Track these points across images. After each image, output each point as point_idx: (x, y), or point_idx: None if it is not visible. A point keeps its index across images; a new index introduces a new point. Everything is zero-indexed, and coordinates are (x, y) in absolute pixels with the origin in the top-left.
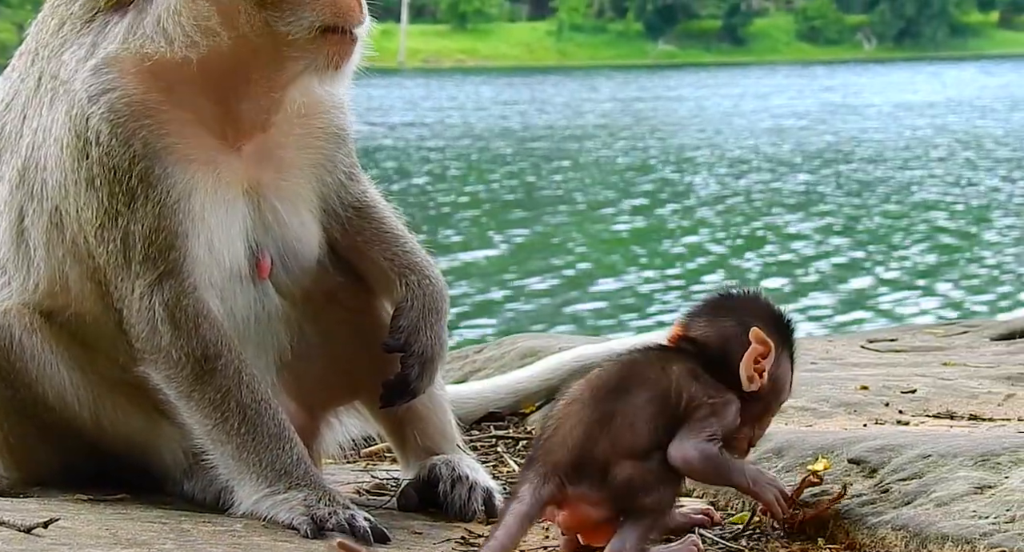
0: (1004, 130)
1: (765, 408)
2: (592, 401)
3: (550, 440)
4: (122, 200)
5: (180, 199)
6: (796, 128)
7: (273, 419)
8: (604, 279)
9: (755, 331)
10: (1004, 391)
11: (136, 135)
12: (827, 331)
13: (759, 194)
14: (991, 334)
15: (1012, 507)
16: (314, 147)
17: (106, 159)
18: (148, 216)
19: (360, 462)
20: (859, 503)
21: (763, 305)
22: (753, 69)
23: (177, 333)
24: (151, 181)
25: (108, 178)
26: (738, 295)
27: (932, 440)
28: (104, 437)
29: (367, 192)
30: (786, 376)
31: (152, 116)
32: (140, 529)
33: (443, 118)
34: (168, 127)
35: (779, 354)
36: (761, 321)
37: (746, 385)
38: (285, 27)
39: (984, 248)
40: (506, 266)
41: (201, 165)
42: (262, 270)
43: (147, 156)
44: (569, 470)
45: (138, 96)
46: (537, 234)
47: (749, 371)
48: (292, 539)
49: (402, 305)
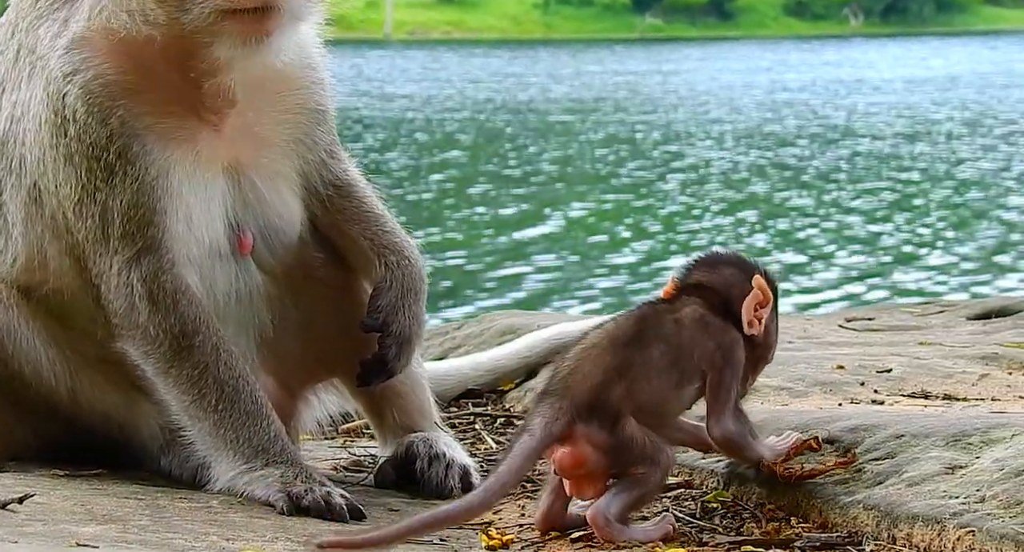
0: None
1: (758, 358)
2: (611, 348)
3: (568, 378)
4: (100, 176)
5: (159, 176)
6: (798, 103)
7: (250, 396)
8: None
9: (758, 278)
10: (979, 371)
11: (112, 114)
12: (834, 307)
13: (775, 169)
14: (967, 314)
15: (982, 487)
16: (293, 124)
17: (84, 136)
18: (126, 192)
19: (338, 439)
20: (832, 482)
21: (753, 263)
22: (742, 43)
23: (155, 309)
24: (129, 158)
25: (86, 155)
26: (729, 254)
27: (905, 420)
28: (81, 413)
29: (348, 170)
30: (775, 332)
31: (127, 95)
32: (116, 505)
33: (438, 90)
34: (144, 106)
35: (773, 306)
36: (767, 274)
37: (746, 328)
38: (186, 18)
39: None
40: (511, 242)
41: (180, 143)
42: (243, 247)
43: (124, 134)
44: (583, 408)
45: (112, 76)
46: (534, 209)
47: (749, 315)
48: (268, 515)
49: (380, 285)
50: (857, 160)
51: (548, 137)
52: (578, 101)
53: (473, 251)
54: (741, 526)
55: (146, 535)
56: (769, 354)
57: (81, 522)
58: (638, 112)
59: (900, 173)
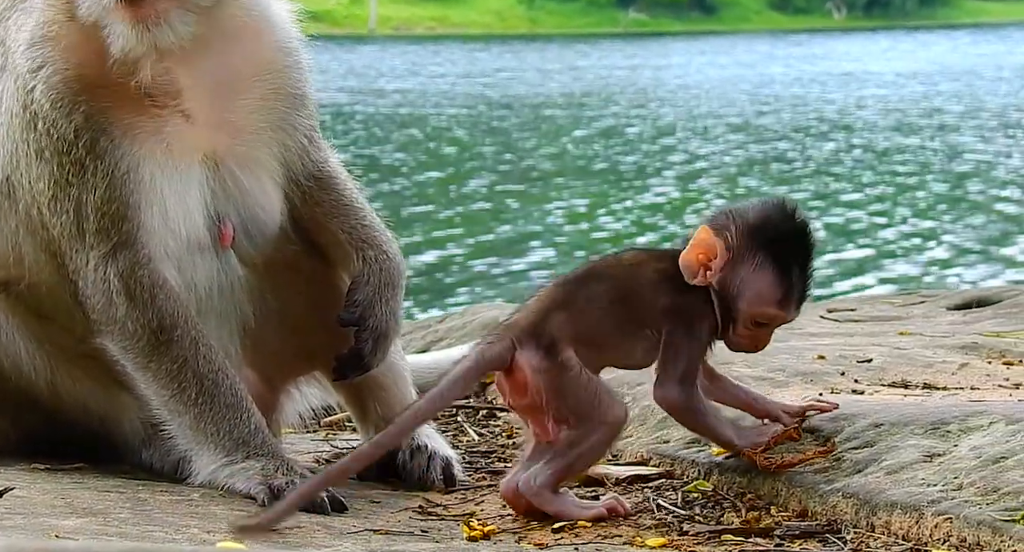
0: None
1: (725, 313)
2: (555, 285)
3: (514, 314)
4: (72, 171)
5: (129, 170)
6: (788, 96)
7: (230, 389)
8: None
9: (702, 228)
10: (958, 360)
11: (76, 109)
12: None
13: (772, 163)
14: (947, 304)
15: (960, 475)
16: (271, 109)
17: (52, 132)
18: (99, 188)
19: (320, 432)
20: (812, 471)
21: (755, 212)
22: (728, 37)
23: (132, 305)
24: (98, 153)
25: (57, 149)
26: (748, 206)
27: (885, 409)
28: (61, 407)
29: (328, 161)
30: (754, 283)
31: (89, 91)
32: (97, 498)
33: (429, 85)
34: (107, 100)
35: (740, 260)
36: (738, 227)
37: (687, 276)
38: (84, 12)
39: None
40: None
41: (148, 135)
42: (224, 239)
43: (90, 128)
44: (522, 334)
45: (72, 71)
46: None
47: (688, 263)
48: (249, 508)
49: (358, 279)
50: (854, 152)
51: (540, 131)
52: (569, 95)
53: (462, 245)
54: (721, 515)
55: (127, 528)
56: (741, 310)
57: (61, 515)
58: (630, 106)
59: (900, 165)
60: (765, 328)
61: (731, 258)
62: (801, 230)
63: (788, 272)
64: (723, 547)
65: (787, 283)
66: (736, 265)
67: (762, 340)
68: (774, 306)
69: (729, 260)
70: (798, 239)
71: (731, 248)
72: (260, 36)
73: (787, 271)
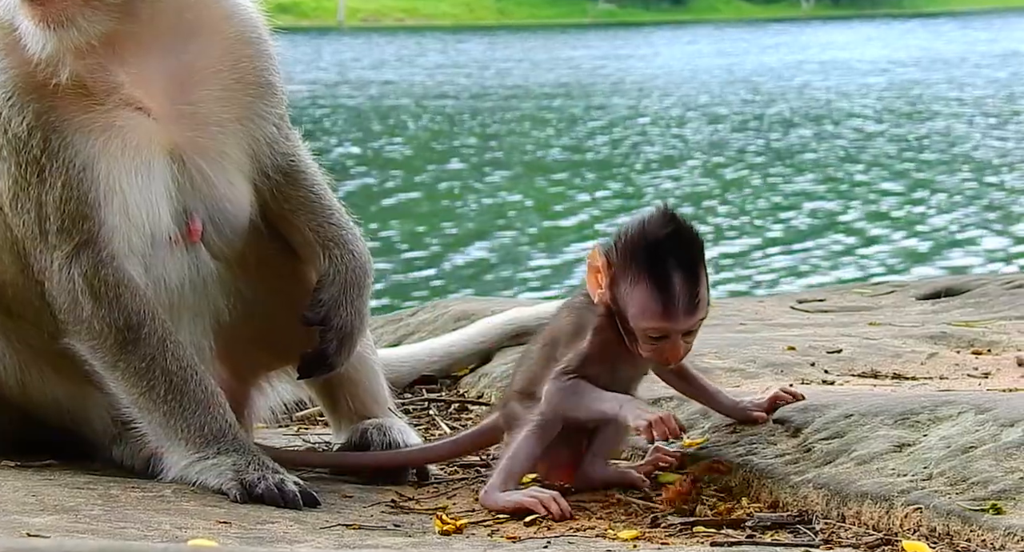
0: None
1: (624, 326)
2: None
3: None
4: (31, 171)
5: (85, 167)
6: (764, 85)
7: (200, 385)
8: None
9: (595, 247)
10: (927, 350)
11: (27, 107)
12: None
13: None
14: (916, 294)
15: (929, 465)
16: (235, 100)
17: (7, 130)
18: (56, 186)
19: (292, 426)
20: (783, 463)
21: (634, 227)
22: (698, 27)
23: (98, 304)
24: (52, 151)
25: (13, 148)
26: (632, 218)
27: (854, 399)
28: (31, 405)
29: (297, 154)
30: (634, 298)
31: (38, 89)
32: (67, 495)
33: (401, 76)
34: (57, 98)
35: (619, 276)
36: (618, 242)
37: (592, 296)
38: (1, 13)
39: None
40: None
41: (102, 131)
42: (192, 234)
43: (42, 127)
44: (502, 403)
45: (15, 70)
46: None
47: (588, 283)
48: (221, 503)
49: (323, 279)
50: (854, 141)
51: (519, 122)
52: (544, 86)
53: (435, 237)
54: (693, 507)
55: (98, 525)
56: (632, 324)
57: (32, 513)
58: (608, 96)
59: (904, 153)
60: (666, 340)
61: (613, 275)
62: (677, 237)
63: (665, 282)
64: (695, 539)
65: (666, 294)
66: (618, 282)
67: (670, 353)
68: (658, 318)
69: (612, 277)
70: (673, 245)
71: (612, 265)
72: (219, 27)
73: (664, 282)
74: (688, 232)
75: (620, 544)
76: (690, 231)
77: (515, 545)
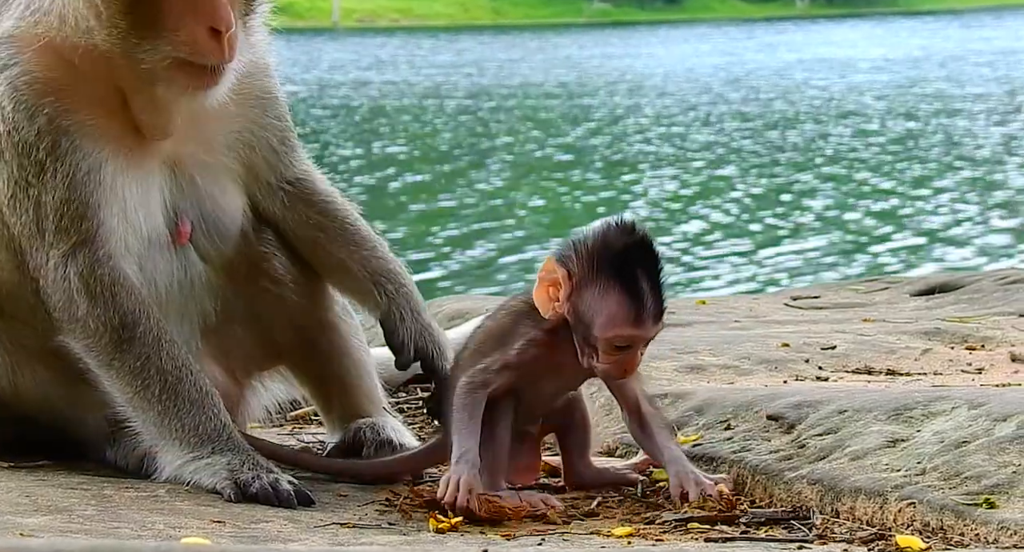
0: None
1: (585, 338)
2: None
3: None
4: (32, 172)
5: (91, 171)
6: (765, 84)
7: (195, 385)
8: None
9: (548, 259)
10: (921, 346)
11: (40, 111)
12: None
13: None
14: (910, 290)
15: (923, 460)
16: (234, 115)
17: (13, 133)
18: (58, 188)
19: (286, 426)
20: (776, 459)
21: (596, 238)
22: (694, 26)
23: (93, 302)
24: (58, 155)
25: (16, 151)
26: (588, 230)
27: (848, 395)
28: (24, 405)
29: (313, 177)
30: (602, 307)
31: (54, 93)
32: (61, 495)
33: (404, 77)
34: (73, 104)
35: (584, 286)
36: (578, 253)
37: (541, 312)
38: (142, 54)
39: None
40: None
41: (111, 140)
42: (181, 236)
43: (52, 131)
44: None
45: (39, 73)
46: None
47: (538, 298)
48: (215, 503)
49: (391, 320)
50: (861, 139)
51: (521, 121)
52: (547, 86)
53: (432, 237)
54: (689, 506)
55: (92, 525)
56: (594, 336)
57: (26, 513)
58: (609, 95)
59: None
60: (628, 351)
61: (575, 286)
62: (640, 245)
63: (635, 290)
64: (689, 535)
65: (637, 301)
66: (582, 292)
67: (628, 364)
68: (628, 326)
69: (574, 288)
70: (639, 255)
71: (574, 276)
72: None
73: (634, 289)
74: (650, 242)
75: (614, 541)
76: (651, 241)
77: (509, 543)
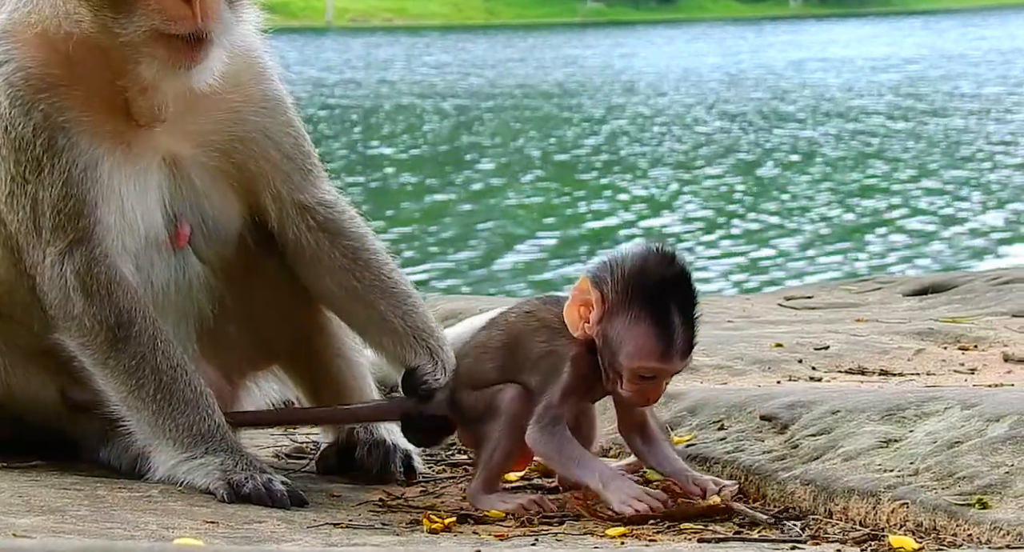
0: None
1: (611, 364)
2: (468, 341)
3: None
4: (29, 168)
5: (87, 168)
6: (762, 82)
7: (189, 385)
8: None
9: (583, 279)
10: (914, 346)
11: (36, 107)
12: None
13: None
14: (903, 290)
15: (916, 460)
16: (235, 117)
17: (10, 129)
18: (55, 185)
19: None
20: (770, 459)
21: (634, 265)
22: (689, 26)
23: (89, 301)
24: (56, 151)
25: (13, 147)
26: (627, 254)
27: (841, 396)
28: (17, 405)
29: (339, 206)
30: (626, 338)
31: (50, 89)
32: (54, 496)
33: (398, 77)
34: (69, 100)
35: (615, 313)
36: (614, 278)
37: (570, 329)
38: (119, 29)
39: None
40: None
41: (108, 136)
42: (180, 238)
43: (49, 127)
44: (446, 402)
45: (36, 69)
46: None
47: (569, 316)
48: (208, 503)
49: (430, 375)
50: (861, 137)
51: (520, 122)
52: (541, 85)
53: (426, 236)
54: (684, 504)
55: (85, 525)
56: (618, 363)
57: (19, 513)
58: (604, 95)
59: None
60: (652, 381)
61: (607, 310)
62: (678, 278)
63: (667, 323)
64: (682, 535)
65: (667, 335)
66: (613, 318)
67: (651, 394)
68: (655, 360)
69: (606, 312)
70: (675, 288)
71: (607, 300)
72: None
73: (665, 322)
74: (688, 275)
75: (607, 541)
76: (689, 274)
77: (503, 543)
